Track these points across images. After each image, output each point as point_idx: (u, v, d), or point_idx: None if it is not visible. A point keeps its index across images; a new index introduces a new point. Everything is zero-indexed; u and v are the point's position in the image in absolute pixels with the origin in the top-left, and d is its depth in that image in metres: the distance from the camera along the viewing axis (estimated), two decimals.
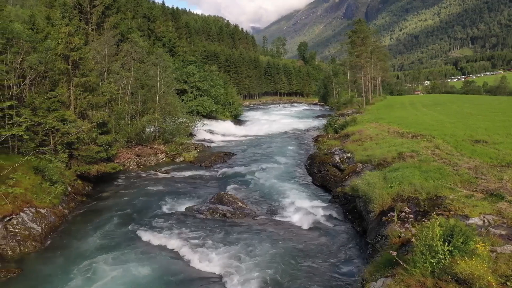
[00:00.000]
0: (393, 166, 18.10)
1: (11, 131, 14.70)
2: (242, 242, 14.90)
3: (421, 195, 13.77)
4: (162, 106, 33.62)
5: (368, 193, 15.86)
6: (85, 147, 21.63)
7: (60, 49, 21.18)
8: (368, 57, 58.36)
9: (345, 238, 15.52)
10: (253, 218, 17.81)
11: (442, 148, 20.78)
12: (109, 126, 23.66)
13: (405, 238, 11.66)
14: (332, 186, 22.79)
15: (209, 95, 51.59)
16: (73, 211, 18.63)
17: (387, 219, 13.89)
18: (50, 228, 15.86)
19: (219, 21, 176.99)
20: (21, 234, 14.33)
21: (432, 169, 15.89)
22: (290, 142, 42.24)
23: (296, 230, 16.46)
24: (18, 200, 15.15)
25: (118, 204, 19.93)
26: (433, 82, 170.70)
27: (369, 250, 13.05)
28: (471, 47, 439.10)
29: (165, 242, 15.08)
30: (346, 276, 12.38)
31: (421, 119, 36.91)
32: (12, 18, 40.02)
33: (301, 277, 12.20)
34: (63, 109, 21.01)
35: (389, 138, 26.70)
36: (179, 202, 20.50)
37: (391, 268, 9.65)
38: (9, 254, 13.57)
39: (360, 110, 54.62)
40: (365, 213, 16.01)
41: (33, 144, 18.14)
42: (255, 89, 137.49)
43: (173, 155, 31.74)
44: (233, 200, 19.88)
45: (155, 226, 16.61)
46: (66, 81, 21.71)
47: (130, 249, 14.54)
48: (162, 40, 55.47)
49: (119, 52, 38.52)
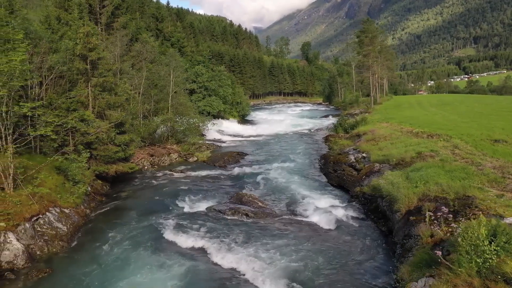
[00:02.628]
0: (415, 165, 18.03)
1: (40, 131, 14.74)
2: (267, 242, 14.89)
3: (449, 195, 13.72)
4: (175, 106, 33.67)
5: (392, 192, 15.80)
6: (103, 147, 21.68)
7: (79, 49, 21.23)
8: (375, 56, 58.32)
9: (370, 238, 15.48)
10: (274, 218, 17.81)
11: (461, 148, 20.74)
12: (126, 126, 23.69)
13: (438, 238, 11.66)
14: (350, 186, 22.75)
15: (217, 95, 51.64)
16: (94, 211, 18.67)
17: (415, 219, 13.95)
18: (74, 228, 15.90)
19: (222, 21, 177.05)
20: (48, 234, 14.36)
21: (456, 169, 15.86)
22: (300, 142, 42.23)
23: (319, 229, 16.44)
24: (44, 200, 15.19)
25: (138, 204, 19.97)
26: (438, 82, 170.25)
27: (398, 250, 13.00)
28: (474, 47, 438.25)
29: (191, 241, 15.09)
30: (377, 275, 12.35)
31: (432, 118, 36.85)
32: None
33: (332, 277, 12.19)
34: (82, 109, 21.05)
35: (404, 138, 26.65)
36: (198, 201, 20.51)
37: (431, 268, 9.65)
38: (37, 254, 13.60)
39: (369, 109, 54.56)
40: (389, 212, 15.98)
41: (56, 144, 18.20)
42: (259, 89, 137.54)
43: (186, 155, 31.77)
44: (252, 200, 19.88)
45: (179, 226, 16.61)
46: (85, 81, 21.75)
47: (156, 249, 14.56)
48: (170, 40, 55.61)
49: (128, 53, 38.61)
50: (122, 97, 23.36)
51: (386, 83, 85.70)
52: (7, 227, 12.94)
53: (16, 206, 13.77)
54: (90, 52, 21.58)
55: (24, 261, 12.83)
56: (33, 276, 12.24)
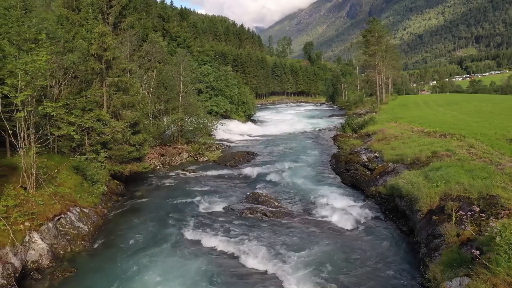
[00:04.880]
0: (433, 165, 17.98)
1: (63, 131, 14.76)
2: (288, 241, 14.87)
3: (472, 194, 13.69)
4: (185, 106, 33.69)
5: (412, 192, 15.79)
6: (118, 147, 21.70)
7: (94, 49, 21.25)
8: (382, 56, 58.28)
9: (390, 237, 15.45)
10: (293, 218, 17.79)
11: (477, 147, 20.68)
12: (140, 126, 23.71)
13: (465, 237, 11.63)
14: (364, 186, 22.72)
15: (223, 95, 51.65)
16: (111, 210, 18.68)
17: (438, 218, 13.92)
18: (94, 227, 15.91)
19: (225, 21, 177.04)
20: (70, 233, 14.38)
21: (476, 168, 15.82)
22: (308, 141, 42.20)
23: (339, 229, 16.42)
24: (65, 199, 15.22)
25: (154, 204, 19.97)
26: (442, 81, 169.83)
27: (423, 249, 12.97)
28: (475, 46, 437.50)
29: (212, 241, 15.07)
30: (403, 274, 12.33)
31: (441, 118, 36.78)
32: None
33: (360, 277, 12.16)
34: (97, 109, 21.08)
35: (416, 138, 26.60)
36: (214, 201, 20.51)
37: (463, 267, 9.62)
38: (61, 254, 13.60)
39: (375, 109, 54.48)
40: (409, 212, 15.94)
41: (74, 144, 18.22)
42: (263, 88, 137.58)
43: (196, 155, 31.77)
44: (269, 199, 19.88)
45: (198, 225, 16.63)
46: (99, 81, 21.77)
47: (178, 248, 14.56)
48: (176, 40, 55.64)
49: (136, 52, 38.63)
50: (137, 96, 23.37)
51: (391, 82, 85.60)
52: (31, 227, 12.95)
53: (39, 206, 13.79)
54: (104, 52, 21.62)
55: (48, 261, 12.84)
56: (59, 276, 12.24)
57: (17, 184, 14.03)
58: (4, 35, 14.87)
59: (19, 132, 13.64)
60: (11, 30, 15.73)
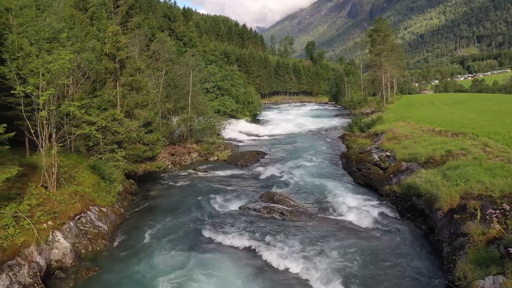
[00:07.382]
0: (450, 164, 17.93)
1: (85, 130, 14.75)
2: (308, 240, 14.83)
3: (494, 193, 13.65)
4: (194, 105, 33.70)
5: (431, 191, 15.77)
6: (132, 146, 21.71)
7: (108, 48, 21.25)
8: (387, 55, 58.22)
9: (410, 236, 15.40)
10: (310, 217, 17.77)
11: (492, 146, 20.63)
12: (153, 125, 23.70)
13: (491, 236, 11.60)
14: (377, 185, 22.66)
15: (229, 95, 51.65)
16: (128, 210, 18.69)
17: (460, 217, 13.88)
18: (113, 226, 15.91)
19: (227, 21, 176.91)
20: (91, 232, 14.38)
21: (496, 167, 15.79)
22: (316, 141, 42.17)
23: (357, 228, 16.40)
24: (84, 199, 15.22)
25: (169, 203, 19.96)
26: (445, 81, 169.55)
27: (446, 248, 12.94)
28: (477, 46, 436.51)
29: (231, 239, 15.08)
30: (427, 273, 12.30)
31: (450, 117, 36.69)
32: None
33: (384, 276, 12.14)
34: (111, 109, 21.07)
35: (427, 137, 26.56)
36: (228, 200, 20.50)
37: (493, 266, 9.58)
38: (82, 253, 13.61)
39: (381, 108, 54.41)
40: (428, 211, 15.91)
41: (91, 143, 18.22)
42: (265, 88, 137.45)
43: (206, 154, 31.76)
44: (284, 198, 19.86)
45: (215, 224, 16.62)
46: (113, 80, 21.77)
47: (196, 247, 14.55)
48: (182, 39, 55.66)
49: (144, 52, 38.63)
50: (150, 96, 23.36)
51: (396, 82, 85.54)
52: (54, 226, 12.95)
53: (61, 205, 13.79)
54: (118, 51, 21.61)
55: (71, 260, 12.84)
56: (83, 275, 12.24)
57: (38, 183, 14.02)
58: (23, 34, 14.84)
59: (40, 131, 13.63)
60: (28, 29, 15.72)
